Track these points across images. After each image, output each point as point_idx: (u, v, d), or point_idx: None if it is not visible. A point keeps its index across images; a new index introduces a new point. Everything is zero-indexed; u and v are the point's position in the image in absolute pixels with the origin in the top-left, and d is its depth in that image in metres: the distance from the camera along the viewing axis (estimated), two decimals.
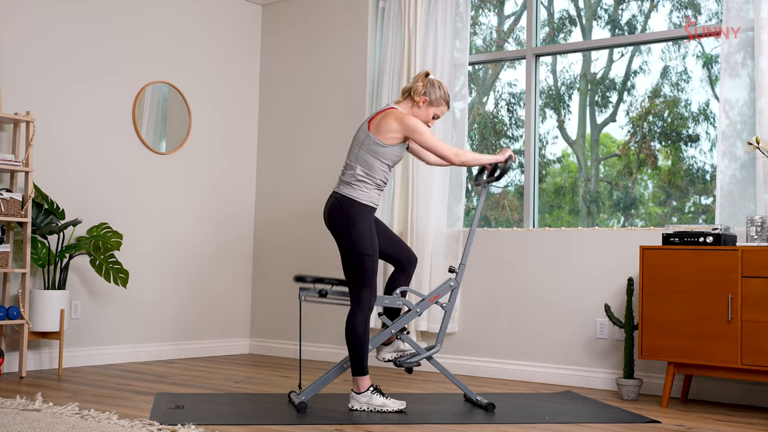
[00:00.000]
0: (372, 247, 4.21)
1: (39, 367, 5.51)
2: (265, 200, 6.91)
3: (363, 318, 4.22)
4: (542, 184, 5.88)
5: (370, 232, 4.23)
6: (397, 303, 4.38)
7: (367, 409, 4.21)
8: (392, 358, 4.42)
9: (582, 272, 5.39)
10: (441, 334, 4.42)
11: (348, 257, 4.22)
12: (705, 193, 5.42)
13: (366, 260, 4.20)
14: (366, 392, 4.21)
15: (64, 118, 5.68)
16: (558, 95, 5.96)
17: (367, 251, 4.20)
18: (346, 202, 4.23)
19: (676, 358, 4.53)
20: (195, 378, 5.29)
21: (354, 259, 4.20)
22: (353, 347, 4.20)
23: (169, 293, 6.30)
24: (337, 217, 4.23)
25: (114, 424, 3.62)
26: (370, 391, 4.22)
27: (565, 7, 5.96)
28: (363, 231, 4.20)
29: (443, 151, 4.30)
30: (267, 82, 6.99)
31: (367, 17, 6.42)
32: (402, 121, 4.26)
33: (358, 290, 4.23)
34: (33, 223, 5.33)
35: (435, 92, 4.39)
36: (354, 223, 4.19)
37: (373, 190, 4.27)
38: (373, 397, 4.22)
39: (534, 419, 4.14)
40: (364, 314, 4.22)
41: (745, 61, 4.96)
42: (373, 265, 4.23)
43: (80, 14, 5.79)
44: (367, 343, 4.24)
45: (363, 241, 4.19)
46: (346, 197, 4.24)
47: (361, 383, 4.22)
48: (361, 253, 4.19)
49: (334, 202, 4.27)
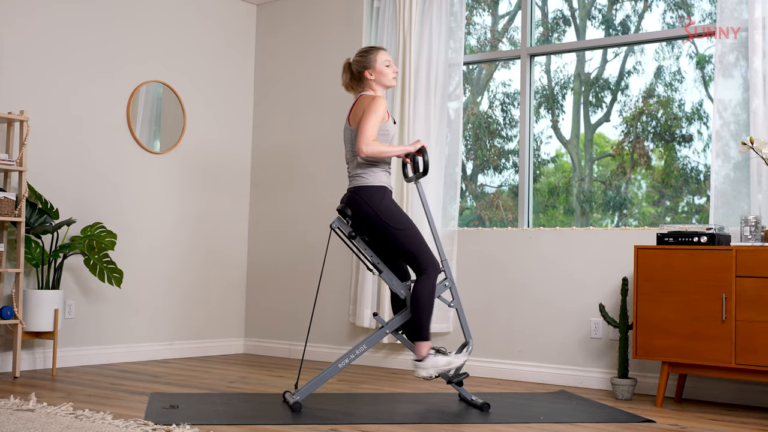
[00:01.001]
0: (407, 220, 4.29)
1: (33, 367, 5.49)
2: (260, 200, 6.90)
3: (429, 286, 4.25)
4: (536, 183, 5.89)
5: (396, 207, 4.30)
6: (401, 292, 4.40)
7: (436, 374, 4.25)
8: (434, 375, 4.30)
9: (577, 272, 5.40)
10: (465, 330, 4.45)
11: (389, 239, 4.28)
12: (698, 193, 5.44)
13: (407, 233, 4.26)
14: (428, 357, 4.24)
15: (57, 117, 5.67)
16: (552, 95, 5.97)
17: (404, 225, 4.27)
18: (361, 192, 4.30)
19: (670, 358, 4.54)
20: (190, 378, 5.29)
21: (396, 238, 4.26)
22: (417, 313, 4.24)
23: (164, 293, 6.29)
24: (360, 208, 4.28)
25: (108, 424, 3.61)
26: (432, 355, 4.25)
27: (559, 7, 5.97)
28: (390, 209, 4.27)
29: (361, 135, 4.26)
30: (262, 81, 6.99)
31: (362, 17, 6.42)
32: (369, 98, 4.36)
33: (417, 262, 4.27)
34: (27, 222, 5.31)
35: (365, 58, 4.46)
36: (378, 207, 4.26)
37: (380, 173, 4.34)
38: (436, 359, 4.25)
39: (529, 419, 4.14)
40: (430, 282, 4.26)
41: (738, 61, 4.98)
42: (417, 233, 4.29)
43: (74, 14, 5.78)
44: (431, 313, 4.27)
45: (394, 218, 4.27)
46: (359, 187, 4.31)
47: (422, 348, 4.26)
48: (398, 229, 4.25)
49: (351, 195, 4.34)
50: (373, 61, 4.46)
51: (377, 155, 4.30)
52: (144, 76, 6.19)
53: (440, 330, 5.79)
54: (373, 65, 4.46)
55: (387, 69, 4.47)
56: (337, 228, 4.36)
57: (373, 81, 4.46)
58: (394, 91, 5.97)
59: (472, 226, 6.11)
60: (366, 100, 4.38)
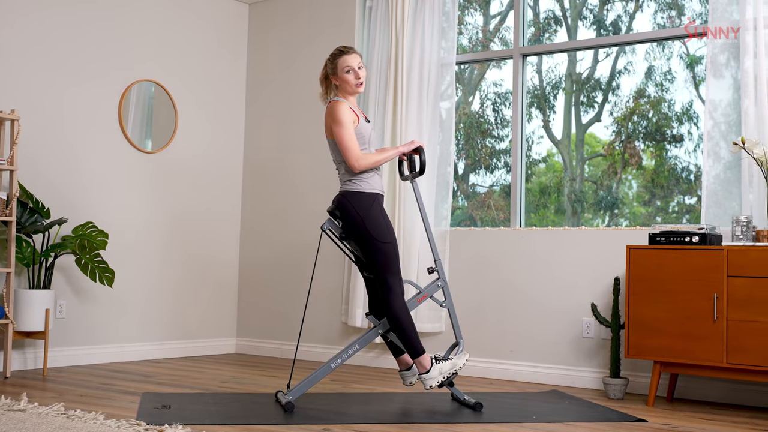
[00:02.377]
0: (389, 234, 4.23)
1: (24, 367, 5.47)
2: (252, 200, 6.89)
3: (400, 302, 4.22)
4: (527, 183, 5.90)
5: (383, 219, 4.24)
6: None
7: (444, 380, 4.24)
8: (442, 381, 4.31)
9: (569, 272, 5.41)
10: (456, 330, 4.44)
11: (367, 249, 4.23)
12: (689, 193, 5.45)
13: (386, 247, 4.21)
14: (433, 367, 4.22)
15: (49, 116, 5.65)
16: (543, 95, 5.98)
17: (386, 239, 4.21)
18: (351, 197, 4.25)
19: (662, 357, 4.56)
20: (181, 378, 5.28)
21: (375, 249, 4.21)
22: (401, 333, 4.21)
23: (155, 293, 6.28)
24: (348, 213, 4.23)
25: (100, 425, 3.60)
26: (434, 364, 4.24)
27: (550, 7, 5.98)
28: (376, 219, 4.21)
29: (347, 152, 4.20)
30: (254, 81, 6.98)
31: (354, 16, 6.42)
32: (330, 108, 4.28)
33: (385, 278, 4.23)
34: (18, 222, 5.29)
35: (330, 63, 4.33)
36: (366, 215, 4.20)
37: (371, 177, 4.29)
38: (441, 366, 4.24)
39: (521, 418, 4.15)
40: (398, 298, 4.22)
41: (728, 62, 4.99)
42: (395, 250, 4.24)
43: (66, 13, 5.76)
44: (413, 324, 4.24)
45: (379, 229, 4.20)
46: (350, 191, 4.26)
47: (424, 362, 4.23)
48: (380, 241, 4.20)
49: (341, 198, 4.28)
50: (335, 67, 4.31)
51: (372, 166, 4.27)
52: (136, 75, 6.17)
53: (432, 330, 5.79)
54: (335, 71, 4.32)
55: (347, 75, 4.28)
56: (327, 229, 4.35)
57: (337, 90, 4.36)
58: (387, 91, 5.98)
59: (464, 226, 6.12)
60: (327, 113, 4.28)
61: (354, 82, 4.30)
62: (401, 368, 4.42)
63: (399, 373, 4.47)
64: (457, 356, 4.30)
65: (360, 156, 4.21)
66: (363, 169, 4.23)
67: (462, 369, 4.34)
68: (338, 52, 4.34)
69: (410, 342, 4.22)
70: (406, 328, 4.21)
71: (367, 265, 4.30)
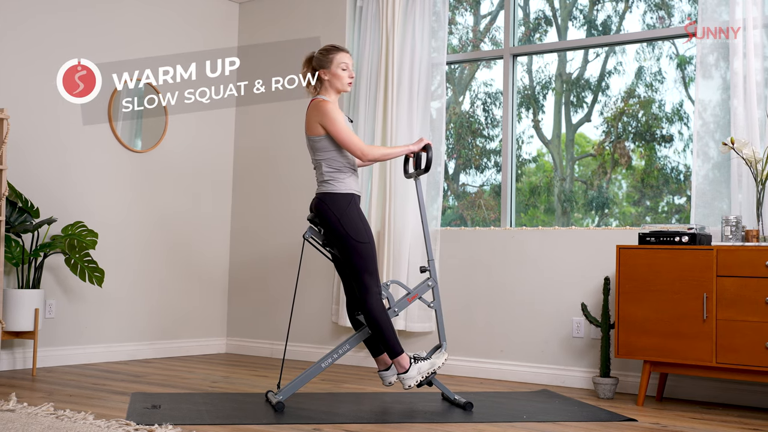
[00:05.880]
0: (367, 234, 4.21)
1: (12, 367, 5.45)
2: (242, 200, 6.88)
3: (376, 302, 4.20)
4: (518, 183, 5.91)
5: (360, 219, 4.23)
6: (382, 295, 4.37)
7: (423, 379, 4.23)
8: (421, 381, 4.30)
9: (559, 271, 5.42)
10: (441, 332, 4.44)
11: (345, 249, 4.21)
12: (678, 193, 5.47)
13: (364, 247, 4.19)
14: (411, 367, 4.22)
15: (38, 115, 5.63)
16: (533, 95, 5.99)
17: (363, 239, 4.20)
18: (327, 198, 4.24)
19: (652, 357, 4.57)
20: (171, 378, 5.26)
21: (352, 249, 4.19)
22: (380, 333, 4.20)
23: (145, 292, 6.26)
24: (325, 213, 4.22)
25: (90, 425, 3.59)
26: (413, 364, 4.23)
27: (540, 8, 5.99)
28: (353, 220, 4.20)
29: (351, 145, 4.22)
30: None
31: (345, 16, 6.41)
32: (317, 107, 4.26)
33: (362, 279, 4.21)
34: (7, 221, 5.26)
35: (324, 56, 4.34)
36: (342, 215, 4.19)
37: (347, 178, 4.27)
38: (419, 366, 4.23)
39: (512, 418, 4.15)
40: (375, 298, 4.20)
41: (718, 62, 5.01)
42: (372, 250, 4.22)
43: (54, 12, 5.73)
44: (391, 324, 4.23)
45: (356, 229, 4.19)
46: (326, 193, 4.25)
47: (402, 362, 4.23)
48: (357, 241, 4.18)
49: (318, 202, 4.27)
50: (329, 62, 4.33)
51: (380, 158, 4.32)
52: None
53: (422, 329, 5.80)
54: (329, 66, 4.33)
55: (342, 72, 4.32)
56: (310, 237, 4.34)
57: (327, 83, 4.35)
58: (377, 90, 5.98)
59: (454, 226, 6.13)
60: (314, 111, 4.27)
61: (347, 79, 4.34)
62: (380, 368, 4.42)
63: (378, 372, 4.46)
64: (435, 356, 4.30)
65: (366, 146, 4.24)
66: (372, 158, 4.28)
67: (440, 368, 4.33)
68: (333, 47, 4.37)
69: (389, 342, 4.22)
70: (385, 328, 4.20)
71: (345, 265, 4.30)
